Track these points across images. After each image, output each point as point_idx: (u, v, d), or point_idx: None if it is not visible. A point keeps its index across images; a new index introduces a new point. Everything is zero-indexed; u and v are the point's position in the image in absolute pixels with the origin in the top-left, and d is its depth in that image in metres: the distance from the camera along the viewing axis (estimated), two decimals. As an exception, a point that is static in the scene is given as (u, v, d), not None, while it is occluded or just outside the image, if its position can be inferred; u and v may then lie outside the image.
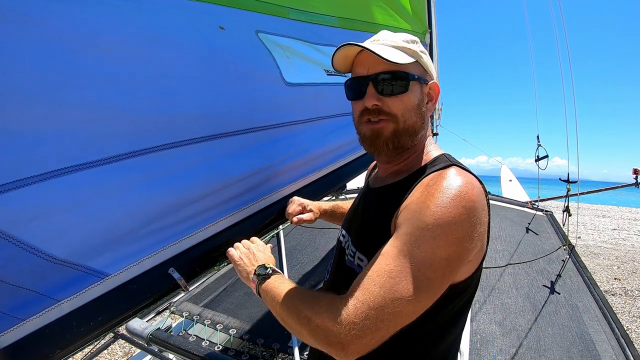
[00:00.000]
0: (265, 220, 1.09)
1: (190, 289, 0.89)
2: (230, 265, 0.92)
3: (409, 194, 0.68)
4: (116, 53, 0.71)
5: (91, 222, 0.69)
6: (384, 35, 0.77)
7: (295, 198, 1.08)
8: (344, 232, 0.88)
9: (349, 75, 0.81)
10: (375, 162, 0.95)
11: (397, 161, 0.79)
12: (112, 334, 1.68)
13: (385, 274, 0.59)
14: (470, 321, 1.73)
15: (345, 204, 1.12)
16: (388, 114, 0.73)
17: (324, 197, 1.32)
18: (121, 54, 0.72)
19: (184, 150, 0.85)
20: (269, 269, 0.77)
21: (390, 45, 0.74)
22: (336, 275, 0.87)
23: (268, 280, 0.74)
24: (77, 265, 0.68)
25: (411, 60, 0.73)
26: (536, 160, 3.56)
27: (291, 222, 1.04)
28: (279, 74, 1.12)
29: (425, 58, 0.77)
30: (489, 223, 0.69)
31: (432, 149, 0.80)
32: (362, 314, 0.56)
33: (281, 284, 0.72)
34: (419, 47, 0.76)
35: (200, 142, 0.89)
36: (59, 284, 0.66)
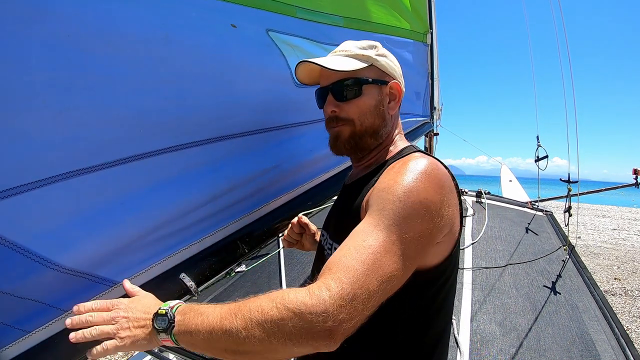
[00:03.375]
0: (275, 223, 1.08)
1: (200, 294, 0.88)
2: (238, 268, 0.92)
3: (377, 178, 0.72)
4: (126, 52, 0.69)
5: (98, 229, 0.67)
6: (342, 46, 0.84)
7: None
8: (323, 231, 0.90)
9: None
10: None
11: (367, 158, 0.85)
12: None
13: (364, 249, 0.56)
14: (470, 321, 1.73)
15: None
16: (344, 119, 0.80)
17: (331, 197, 1.32)
18: (132, 53, 0.70)
19: (192, 152, 0.84)
20: (166, 312, 0.58)
21: (344, 55, 0.81)
22: (315, 274, 0.86)
23: (177, 322, 0.57)
24: (85, 273, 0.66)
25: (363, 65, 0.78)
26: (536, 161, 3.56)
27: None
28: (290, 75, 1.11)
29: (384, 60, 0.81)
30: (461, 212, 0.71)
31: (401, 144, 0.85)
32: (349, 294, 0.51)
33: (201, 314, 0.56)
34: (375, 52, 0.81)
35: (209, 143, 0.88)
36: (66, 294, 0.64)
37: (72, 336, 0.59)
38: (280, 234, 1.10)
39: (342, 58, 0.80)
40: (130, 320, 0.60)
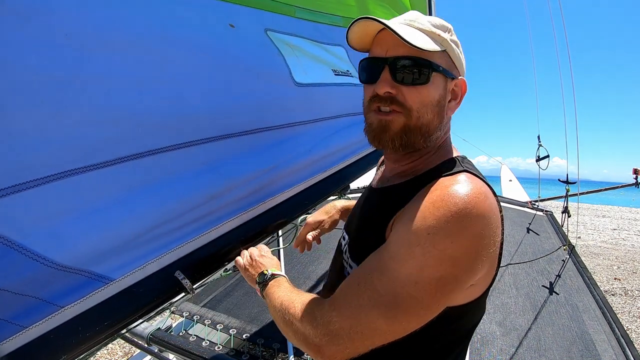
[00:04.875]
0: (271, 222, 1.08)
1: (195, 292, 0.89)
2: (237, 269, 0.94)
3: (409, 199, 0.61)
4: (124, 51, 0.69)
5: (95, 227, 0.68)
6: (412, 16, 0.66)
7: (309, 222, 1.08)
8: (344, 234, 0.83)
9: (357, 75, 0.77)
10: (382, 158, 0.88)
11: (406, 161, 0.71)
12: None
13: (366, 284, 0.57)
14: (471, 321, 1.73)
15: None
16: (402, 105, 0.63)
17: (327, 197, 1.32)
18: (130, 52, 0.70)
19: (189, 151, 0.84)
20: (267, 275, 0.79)
21: (417, 28, 0.64)
22: (333, 282, 0.84)
23: (267, 286, 0.77)
24: (81, 270, 0.67)
25: (437, 48, 0.63)
26: (537, 161, 3.57)
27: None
28: (288, 74, 1.11)
29: (456, 50, 0.67)
30: (502, 242, 0.63)
31: (445, 153, 0.71)
32: (335, 322, 0.57)
33: (277, 289, 0.75)
34: (450, 36, 0.66)
35: (206, 143, 0.88)
36: (62, 290, 0.65)
37: (237, 259, 0.91)
38: (278, 233, 1.10)
39: (415, 31, 0.63)
40: (257, 265, 0.85)
